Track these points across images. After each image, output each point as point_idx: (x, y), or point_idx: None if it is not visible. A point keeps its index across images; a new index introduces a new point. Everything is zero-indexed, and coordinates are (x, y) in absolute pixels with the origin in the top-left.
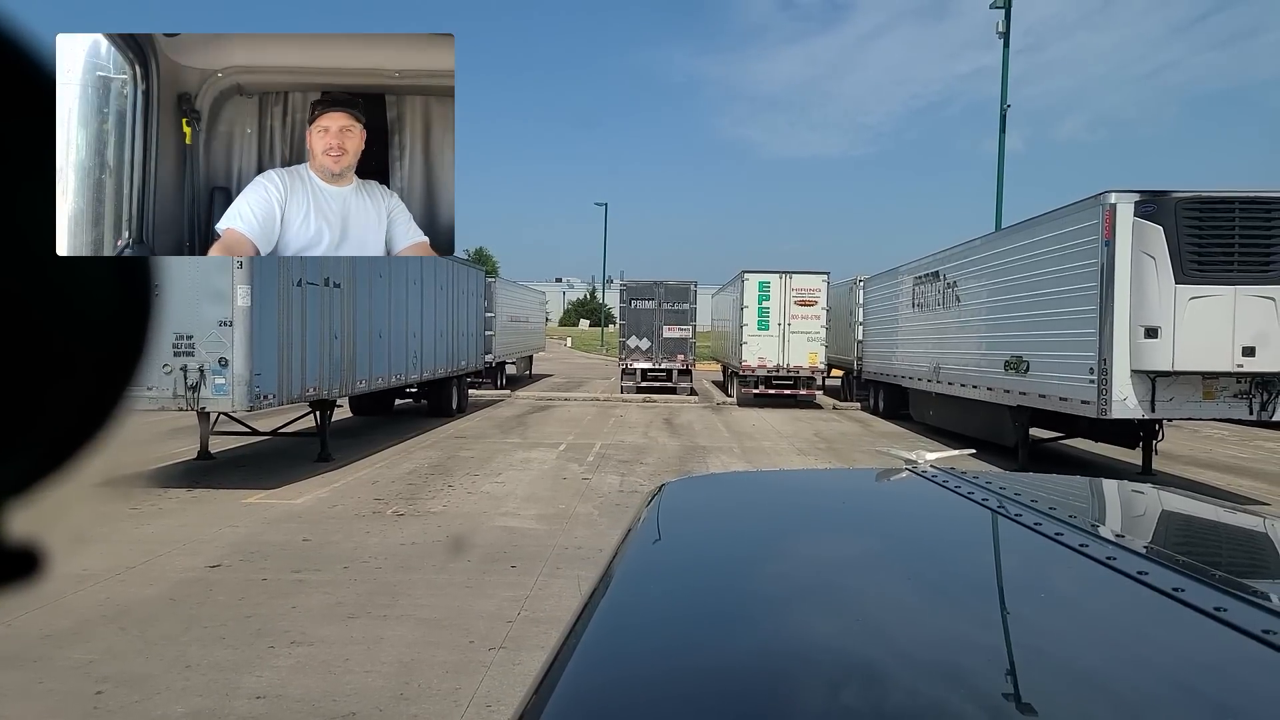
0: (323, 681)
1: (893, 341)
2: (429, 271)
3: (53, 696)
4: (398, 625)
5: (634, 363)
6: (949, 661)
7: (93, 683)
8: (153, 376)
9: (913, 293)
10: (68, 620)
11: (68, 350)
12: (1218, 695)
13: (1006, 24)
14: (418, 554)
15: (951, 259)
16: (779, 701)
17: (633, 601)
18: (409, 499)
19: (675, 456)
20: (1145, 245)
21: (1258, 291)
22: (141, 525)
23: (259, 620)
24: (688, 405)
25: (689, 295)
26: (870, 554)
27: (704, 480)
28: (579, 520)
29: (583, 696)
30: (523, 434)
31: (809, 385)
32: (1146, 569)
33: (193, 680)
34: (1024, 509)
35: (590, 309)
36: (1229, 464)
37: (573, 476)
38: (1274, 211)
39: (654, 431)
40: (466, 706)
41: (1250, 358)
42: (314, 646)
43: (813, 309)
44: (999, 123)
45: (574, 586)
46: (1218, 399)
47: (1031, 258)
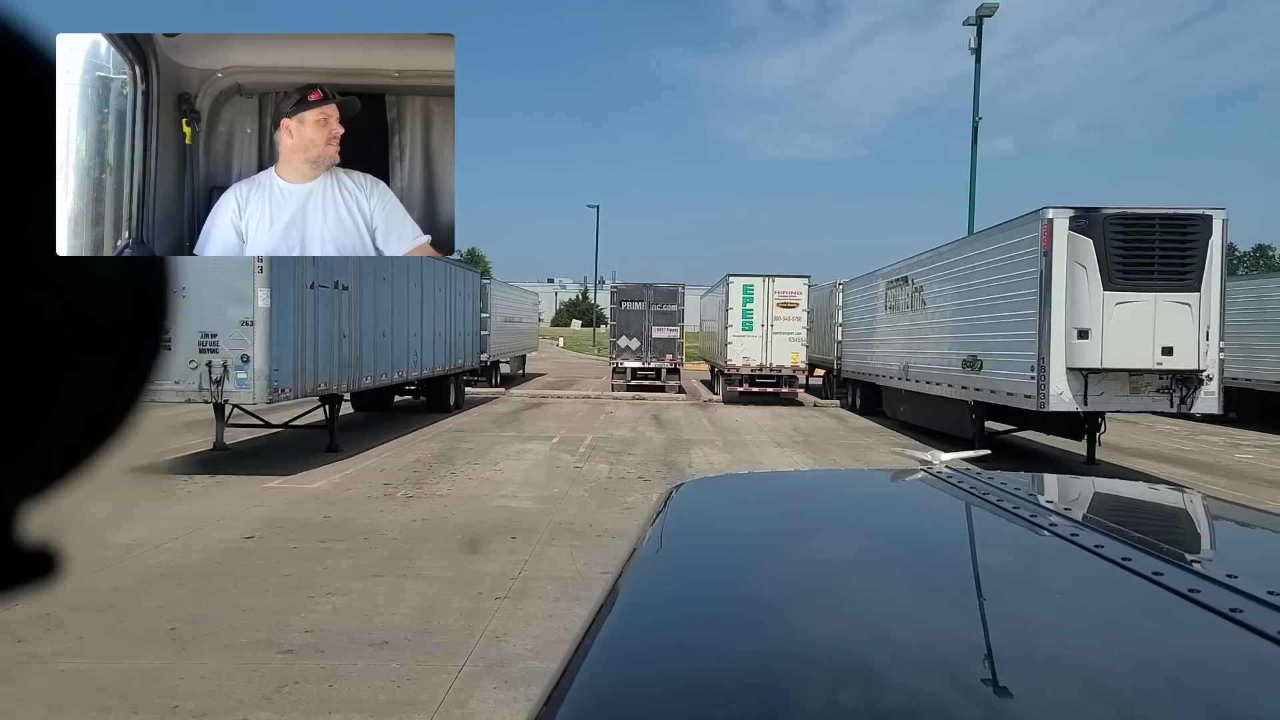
0: (358, 621)
1: (868, 342)
2: (428, 274)
3: (135, 632)
4: (416, 582)
5: (624, 362)
6: (969, 665)
7: (165, 622)
8: (180, 371)
9: (885, 296)
10: (130, 579)
11: (82, 351)
12: (1233, 696)
13: (978, 41)
14: (428, 528)
15: (919, 265)
16: (796, 703)
17: (649, 601)
18: (416, 484)
19: (661, 448)
20: (1078, 256)
21: (1175, 298)
22: (175, 505)
23: (296, 578)
24: (675, 402)
25: (677, 297)
26: (884, 555)
27: (720, 480)
28: (571, 501)
29: (598, 696)
30: (518, 428)
31: (791, 383)
32: (1162, 570)
33: (249, 620)
34: (1039, 510)
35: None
36: (1169, 455)
37: (565, 465)
38: (1190, 227)
39: (642, 426)
40: (479, 637)
41: (1169, 357)
42: (347, 596)
43: (794, 310)
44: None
45: (568, 554)
46: (1143, 393)
47: (984, 265)
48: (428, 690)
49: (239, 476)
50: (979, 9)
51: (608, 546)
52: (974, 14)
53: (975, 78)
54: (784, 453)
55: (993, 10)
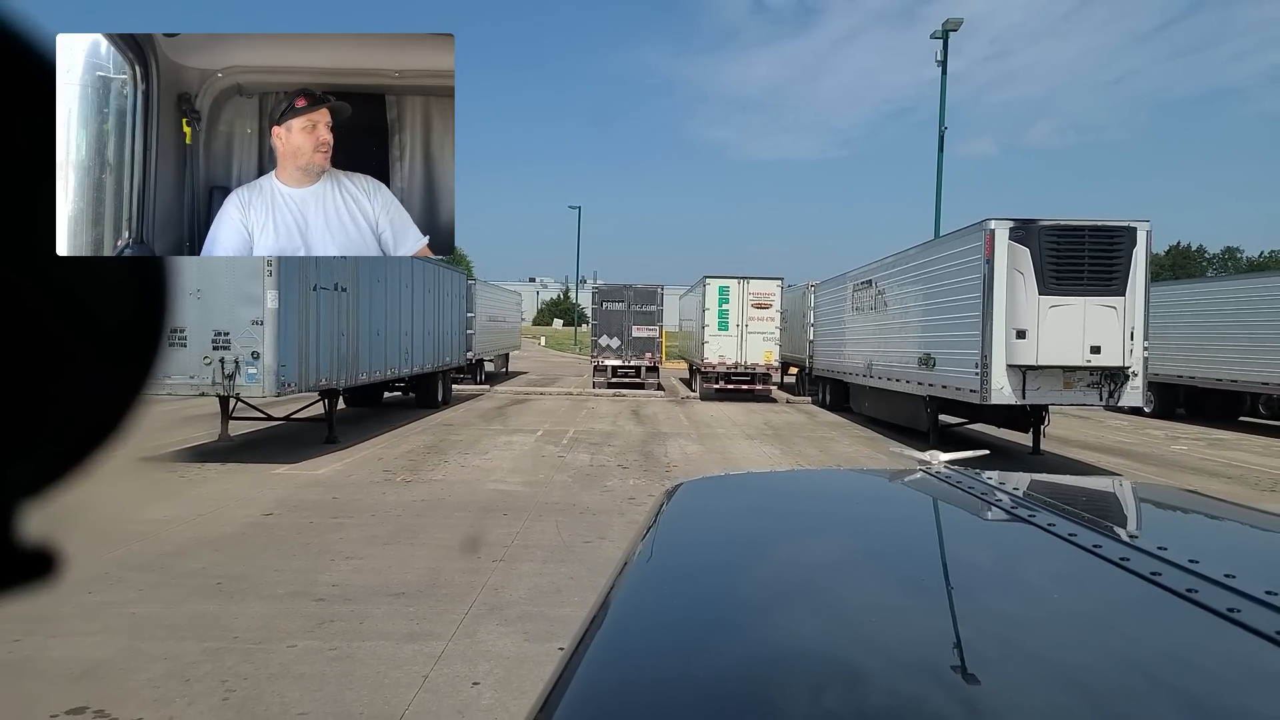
0: (376, 578)
1: (837, 342)
2: (419, 275)
3: (187, 586)
4: (422, 549)
5: (605, 360)
6: (970, 666)
7: (211, 579)
8: (195, 366)
9: (852, 298)
10: (171, 547)
11: (81, 350)
12: (1228, 696)
13: (944, 54)
14: (428, 507)
15: (881, 269)
16: (795, 706)
17: (646, 604)
18: (412, 470)
19: (639, 441)
20: (1016, 263)
21: (1103, 302)
22: (194, 489)
23: (316, 546)
24: (654, 399)
25: (656, 298)
26: (884, 557)
27: (719, 481)
28: (556, 485)
29: (597, 697)
30: (504, 422)
31: (765, 381)
32: (1160, 570)
33: (283, 577)
34: (1038, 510)
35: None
36: (1110, 447)
37: (550, 455)
38: (1116, 237)
39: (622, 420)
40: (481, 589)
41: (1097, 355)
42: (363, 560)
43: (768, 311)
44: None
45: (554, 527)
46: (1075, 388)
47: (936, 271)
48: (441, 626)
49: (248, 464)
50: (945, 24)
51: (589, 522)
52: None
53: (941, 90)
54: (754, 444)
55: (958, 25)
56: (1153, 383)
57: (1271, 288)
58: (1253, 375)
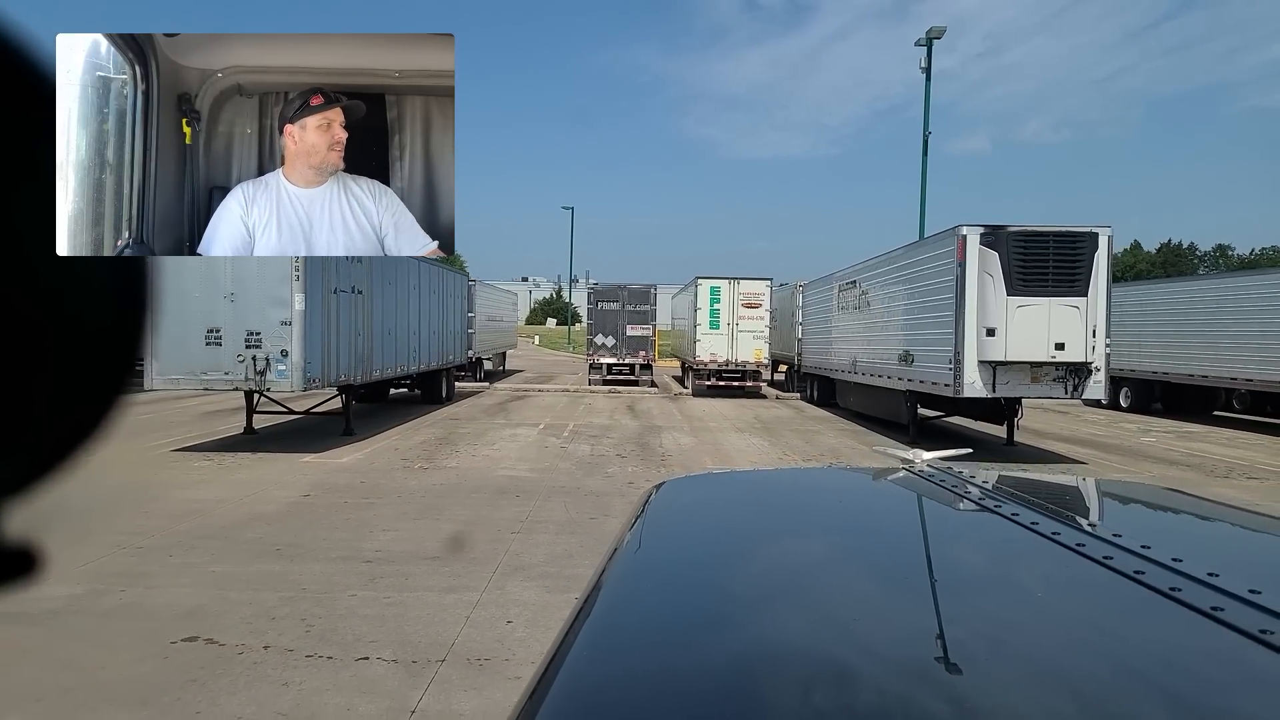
0: (412, 546)
1: (823, 340)
2: (425, 278)
3: (251, 552)
4: (447, 523)
5: (600, 358)
6: (951, 663)
7: (270, 546)
8: (230, 364)
9: (838, 298)
10: (227, 521)
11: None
12: (1211, 695)
13: (928, 60)
14: (447, 490)
15: (865, 271)
16: (777, 701)
17: (631, 600)
18: (428, 459)
19: (635, 433)
20: (986, 266)
21: (1066, 302)
22: (232, 474)
23: (355, 521)
24: (648, 395)
25: (649, 298)
26: (866, 554)
27: (701, 479)
28: (560, 472)
29: (580, 694)
30: (507, 417)
31: (755, 378)
32: (1143, 568)
33: (332, 544)
34: (1021, 508)
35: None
36: (1082, 439)
37: (553, 446)
38: (1079, 242)
39: (618, 415)
40: (504, 555)
41: (1061, 351)
42: (397, 532)
43: (758, 310)
44: (922, 147)
45: (562, 506)
46: (1041, 382)
47: (914, 273)
48: (474, 581)
49: (277, 454)
50: (928, 31)
51: (594, 502)
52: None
53: (925, 96)
54: (744, 437)
55: (941, 33)
56: (1129, 378)
57: (1236, 288)
58: (1222, 371)
